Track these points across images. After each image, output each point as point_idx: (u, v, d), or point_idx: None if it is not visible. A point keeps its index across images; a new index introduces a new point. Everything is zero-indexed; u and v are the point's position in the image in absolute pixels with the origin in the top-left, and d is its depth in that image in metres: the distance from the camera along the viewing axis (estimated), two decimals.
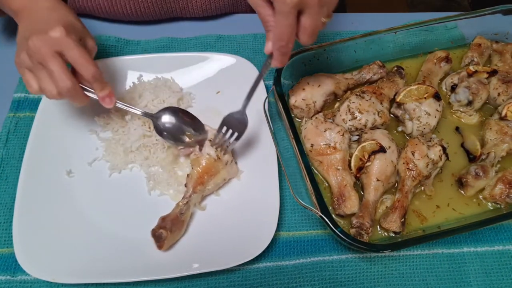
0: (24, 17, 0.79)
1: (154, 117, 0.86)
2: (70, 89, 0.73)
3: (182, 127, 0.87)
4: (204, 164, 0.82)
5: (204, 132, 0.87)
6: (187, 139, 0.87)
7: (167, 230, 0.77)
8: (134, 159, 0.89)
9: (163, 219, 0.79)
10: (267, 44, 0.73)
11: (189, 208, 0.81)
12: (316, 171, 0.85)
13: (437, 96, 0.89)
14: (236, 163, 0.88)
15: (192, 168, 0.84)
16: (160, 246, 0.76)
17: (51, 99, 0.76)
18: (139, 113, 0.86)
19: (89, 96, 0.79)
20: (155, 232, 0.77)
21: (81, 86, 0.78)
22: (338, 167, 0.82)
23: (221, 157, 0.83)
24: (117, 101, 0.83)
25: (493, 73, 0.95)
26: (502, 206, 0.83)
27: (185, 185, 0.83)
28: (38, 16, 0.77)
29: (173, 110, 0.88)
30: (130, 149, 0.88)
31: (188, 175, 0.84)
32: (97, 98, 0.79)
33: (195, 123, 0.88)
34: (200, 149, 0.85)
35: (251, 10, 0.82)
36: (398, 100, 0.90)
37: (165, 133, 0.86)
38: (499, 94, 0.93)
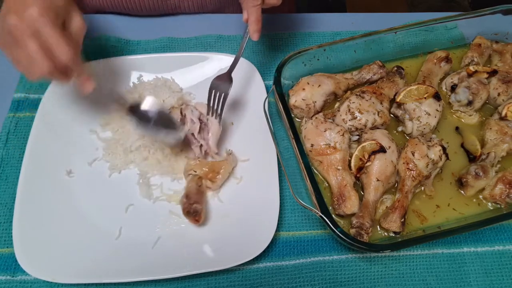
0: None
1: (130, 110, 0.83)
2: (46, 71, 0.68)
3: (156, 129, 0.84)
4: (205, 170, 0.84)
5: (178, 129, 0.85)
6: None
7: (199, 203, 0.79)
8: (134, 158, 0.89)
9: (187, 196, 0.80)
10: (244, 14, 0.86)
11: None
12: (316, 171, 0.85)
13: (437, 96, 0.89)
14: (232, 153, 0.89)
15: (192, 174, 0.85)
16: (198, 220, 0.78)
17: (30, 79, 0.72)
18: (115, 94, 0.84)
19: (70, 77, 0.73)
20: (189, 209, 0.78)
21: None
22: (338, 167, 0.82)
23: (213, 156, 0.87)
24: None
25: (493, 73, 0.95)
26: (502, 206, 0.83)
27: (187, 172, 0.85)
28: None
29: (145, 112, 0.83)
30: (129, 149, 0.88)
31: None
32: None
33: (167, 122, 0.85)
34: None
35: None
36: (398, 100, 0.90)
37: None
38: (499, 94, 0.93)
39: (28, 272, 0.74)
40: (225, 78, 0.88)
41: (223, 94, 0.87)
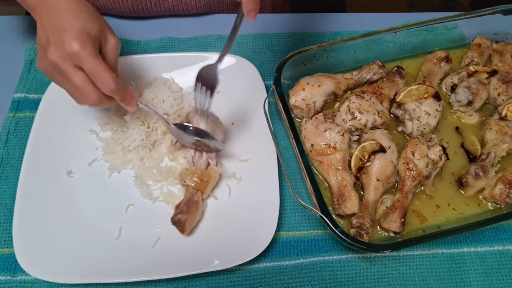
0: (41, 15, 0.72)
1: (173, 125, 0.85)
2: (96, 101, 0.72)
3: (196, 141, 0.85)
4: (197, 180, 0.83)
5: (217, 149, 0.86)
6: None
7: (185, 213, 0.78)
8: (132, 157, 0.89)
9: (177, 206, 0.81)
10: None
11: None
12: (316, 171, 0.85)
13: (437, 96, 0.89)
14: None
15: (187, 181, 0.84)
16: (182, 231, 0.78)
17: (82, 105, 0.76)
18: (158, 116, 0.87)
19: (114, 99, 0.77)
20: (174, 219, 0.79)
21: None
22: (338, 167, 0.82)
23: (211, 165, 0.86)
24: (139, 103, 0.84)
25: (493, 73, 0.95)
26: (502, 206, 0.83)
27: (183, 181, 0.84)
28: (53, 15, 0.71)
29: (194, 129, 0.85)
30: (128, 148, 0.88)
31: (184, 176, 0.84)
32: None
33: (210, 142, 0.85)
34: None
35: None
36: (398, 100, 0.90)
37: (178, 139, 0.87)
38: (499, 94, 0.93)
39: (28, 272, 0.74)
40: (212, 71, 0.80)
41: (208, 91, 0.81)
